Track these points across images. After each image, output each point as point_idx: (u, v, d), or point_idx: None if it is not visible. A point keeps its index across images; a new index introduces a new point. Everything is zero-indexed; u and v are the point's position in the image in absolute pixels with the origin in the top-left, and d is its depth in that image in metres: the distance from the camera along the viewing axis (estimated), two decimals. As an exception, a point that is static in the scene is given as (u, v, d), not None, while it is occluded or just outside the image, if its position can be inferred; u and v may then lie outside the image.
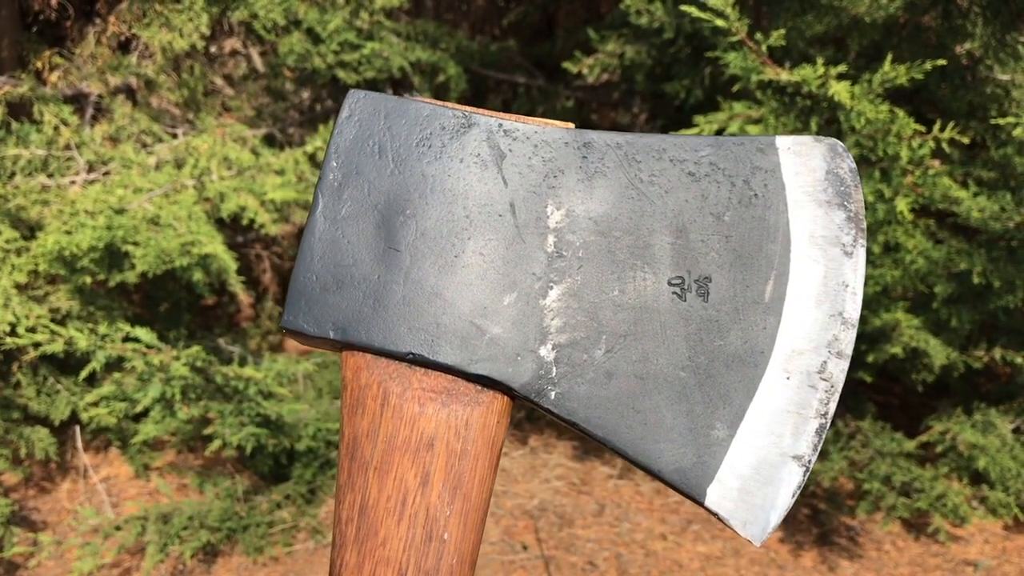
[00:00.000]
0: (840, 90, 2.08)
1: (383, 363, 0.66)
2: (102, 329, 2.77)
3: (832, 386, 0.65)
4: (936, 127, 2.16)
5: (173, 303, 3.94)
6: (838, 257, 0.67)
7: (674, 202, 0.68)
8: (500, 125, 0.69)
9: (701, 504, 0.65)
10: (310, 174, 3.54)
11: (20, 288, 3.16)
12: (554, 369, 0.66)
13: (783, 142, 0.69)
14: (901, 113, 2.14)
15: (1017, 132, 2.36)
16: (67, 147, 3.65)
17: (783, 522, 3.61)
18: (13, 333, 2.92)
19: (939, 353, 2.82)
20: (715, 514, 0.64)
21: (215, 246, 2.96)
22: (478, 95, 4.44)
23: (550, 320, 0.66)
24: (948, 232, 2.85)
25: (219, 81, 4.80)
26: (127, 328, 2.83)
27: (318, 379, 3.80)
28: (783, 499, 0.64)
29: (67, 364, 3.55)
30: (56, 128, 3.65)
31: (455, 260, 0.67)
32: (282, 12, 3.63)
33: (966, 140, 2.19)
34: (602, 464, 3.96)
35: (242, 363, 3.37)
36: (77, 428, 3.67)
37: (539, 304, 0.67)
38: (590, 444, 4.04)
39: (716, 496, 0.64)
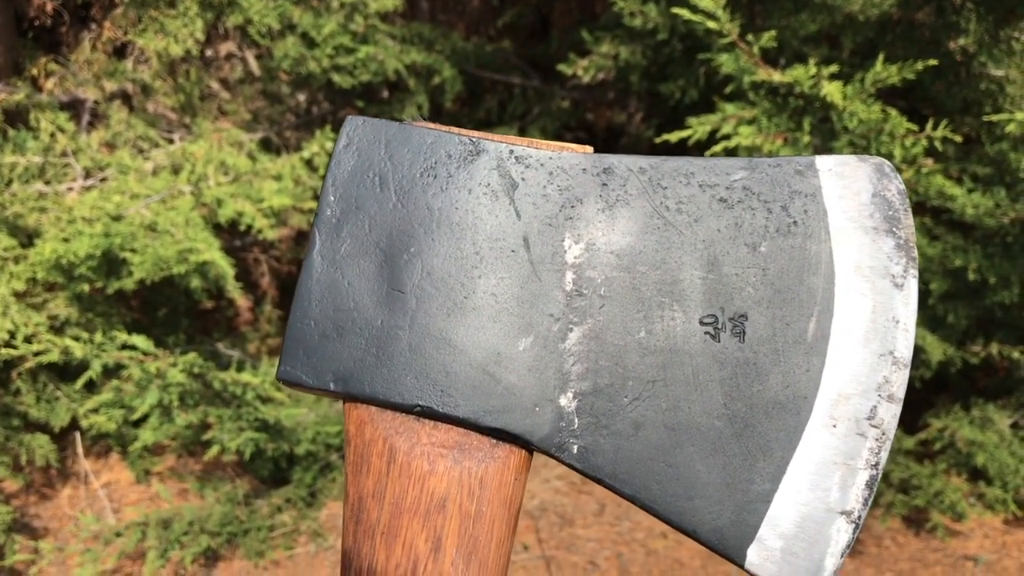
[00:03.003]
0: (832, 90, 2.08)
1: (388, 416, 0.61)
2: (98, 337, 2.78)
3: (883, 433, 0.59)
4: (929, 126, 2.16)
5: (171, 308, 3.94)
6: (887, 290, 0.61)
7: (704, 232, 0.62)
8: (511, 151, 0.64)
9: (740, 566, 0.60)
10: (307, 178, 3.54)
11: (18, 296, 3.17)
12: (576, 420, 0.61)
13: (824, 163, 0.63)
14: (893, 112, 2.14)
15: (1011, 128, 2.37)
16: (64, 154, 3.65)
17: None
18: (10, 343, 2.93)
19: (936, 349, 2.82)
20: None
21: (213, 253, 2.97)
22: (474, 96, 4.45)
23: (570, 366, 0.61)
24: (944, 229, 2.85)
25: (215, 85, 4.81)
26: (124, 336, 2.84)
27: (317, 382, 3.80)
28: (831, 559, 0.58)
29: (66, 371, 3.56)
30: (52, 135, 3.65)
31: (465, 302, 0.62)
32: (277, 17, 3.64)
33: (959, 139, 2.19)
34: (602, 464, 3.96)
35: (240, 368, 3.38)
36: (77, 434, 3.68)
37: (558, 348, 0.61)
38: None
39: (757, 558, 0.59)
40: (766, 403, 0.60)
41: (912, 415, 3.50)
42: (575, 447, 0.60)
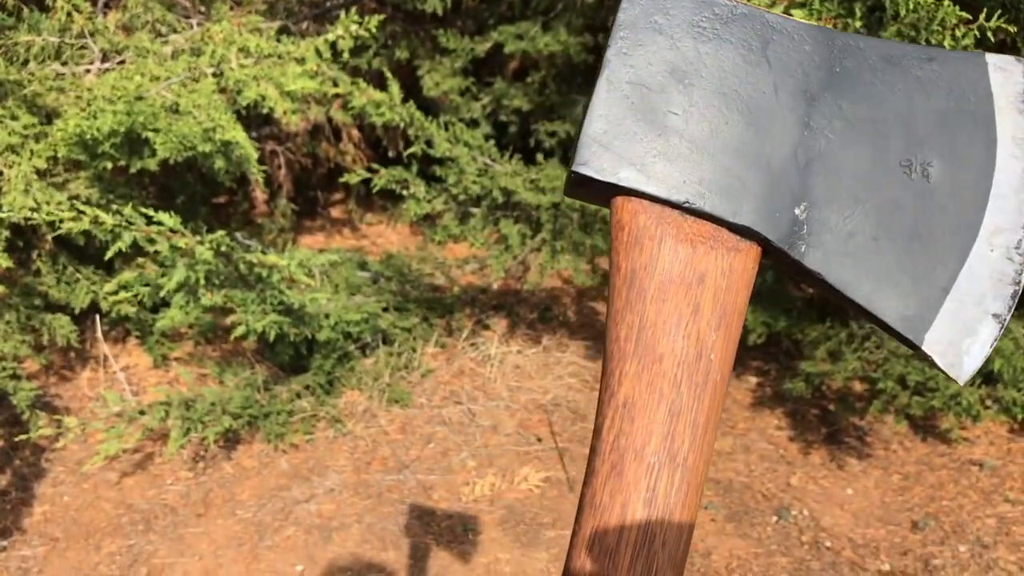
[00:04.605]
0: (887, -27, 2.05)
1: (659, 209, 0.75)
2: (127, 211, 2.76)
3: None
4: (982, 16, 2.13)
5: (189, 196, 3.92)
6: None
7: (904, 98, 0.79)
8: (763, 16, 0.79)
9: (918, 348, 0.76)
10: (327, 69, 3.48)
11: (40, 174, 3.14)
12: (805, 227, 0.76)
13: (991, 59, 0.81)
14: (947, 1, 2.10)
15: (1055, 28, 2.32)
16: (80, 35, 3.57)
17: (792, 420, 3.67)
18: (37, 213, 2.91)
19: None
20: (928, 356, 0.76)
21: (237, 133, 2.93)
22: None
23: (803, 184, 0.77)
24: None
25: (229, -26, 4.69)
26: (151, 212, 2.82)
27: (334, 275, 3.81)
28: (982, 347, 0.76)
29: (85, 253, 3.55)
30: (69, 15, 3.57)
31: (725, 126, 0.77)
32: None
33: (1013, 29, 2.16)
34: (615, 364, 4.00)
35: (264, 252, 3.37)
36: (97, 317, 3.70)
37: (795, 170, 0.77)
38: (601, 344, 4.07)
39: (930, 342, 0.76)
40: (944, 228, 0.77)
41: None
42: (802, 247, 0.76)
